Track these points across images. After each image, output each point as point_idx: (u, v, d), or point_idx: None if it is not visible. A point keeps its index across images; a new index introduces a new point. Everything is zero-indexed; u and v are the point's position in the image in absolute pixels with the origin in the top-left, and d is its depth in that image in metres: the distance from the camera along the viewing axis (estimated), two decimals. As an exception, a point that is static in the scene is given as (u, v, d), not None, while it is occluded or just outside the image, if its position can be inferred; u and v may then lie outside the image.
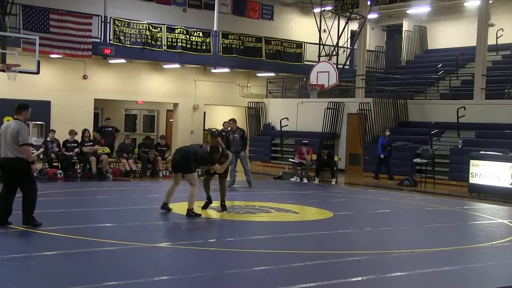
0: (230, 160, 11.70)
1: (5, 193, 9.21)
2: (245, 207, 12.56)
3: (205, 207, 11.62)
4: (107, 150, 18.33)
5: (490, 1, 23.55)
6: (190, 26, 24.73)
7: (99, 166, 17.33)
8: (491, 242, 9.69)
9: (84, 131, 18.06)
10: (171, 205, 11.26)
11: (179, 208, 11.37)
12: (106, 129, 19.86)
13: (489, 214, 13.21)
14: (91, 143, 17.73)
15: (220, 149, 11.36)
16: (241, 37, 25.83)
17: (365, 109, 22.51)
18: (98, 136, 19.08)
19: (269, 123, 26.84)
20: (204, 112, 28.16)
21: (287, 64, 27.02)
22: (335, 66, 21.74)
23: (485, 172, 16.39)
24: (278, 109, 26.53)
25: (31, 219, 9.14)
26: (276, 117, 26.05)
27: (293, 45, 27.44)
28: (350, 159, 23.67)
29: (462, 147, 19.57)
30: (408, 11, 29.12)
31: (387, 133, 20.13)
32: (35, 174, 10.21)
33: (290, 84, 28.76)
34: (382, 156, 19.80)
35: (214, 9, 25.29)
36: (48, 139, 17.43)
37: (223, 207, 11.71)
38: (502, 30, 26.47)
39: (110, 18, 22.71)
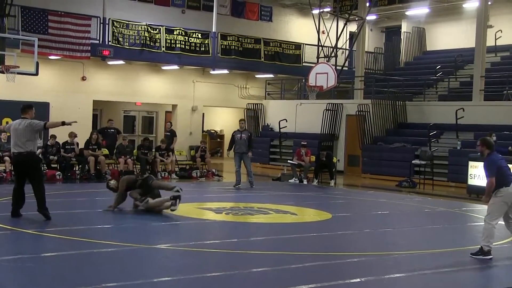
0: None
1: (17, 187, 9.91)
2: (244, 209, 12.56)
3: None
4: (106, 151, 18.34)
5: (489, 3, 23.54)
6: (188, 27, 24.72)
7: (98, 167, 17.34)
8: (489, 244, 9.67)
9: (92, 133, 18.15)
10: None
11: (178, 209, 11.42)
12: (109, 130, 19.83)
13: (488, 215, 13.17)
14: (96, 147, 17.72)
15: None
16: (240, 39, 25.83)
17: (363, 110, 22.52)
18: (100, 138, 19.05)
19: (267, 124, 26.83)
20: (203, 114, 28.15)
21: (285, 66, 27.01)
22: (333, 67, 21.75)
23: (484, 173, 16.33)
24: (277, 111, 26.52)
25: (45, 207, 9.73)
26: (274, 119, 26.04)
27: (292, 47, 27.43)
28: (349, 161, 23.67)
29: (461, 149, 19.57)
30: (407, 13, 29.11)
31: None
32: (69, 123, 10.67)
33: (288, 86, 28.77)
34: None
35: (212, 11, 25.29)
36: (48, 143, 17.38)
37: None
38: (501, 32, 26.48)
39: (109, 19, 22.69)
